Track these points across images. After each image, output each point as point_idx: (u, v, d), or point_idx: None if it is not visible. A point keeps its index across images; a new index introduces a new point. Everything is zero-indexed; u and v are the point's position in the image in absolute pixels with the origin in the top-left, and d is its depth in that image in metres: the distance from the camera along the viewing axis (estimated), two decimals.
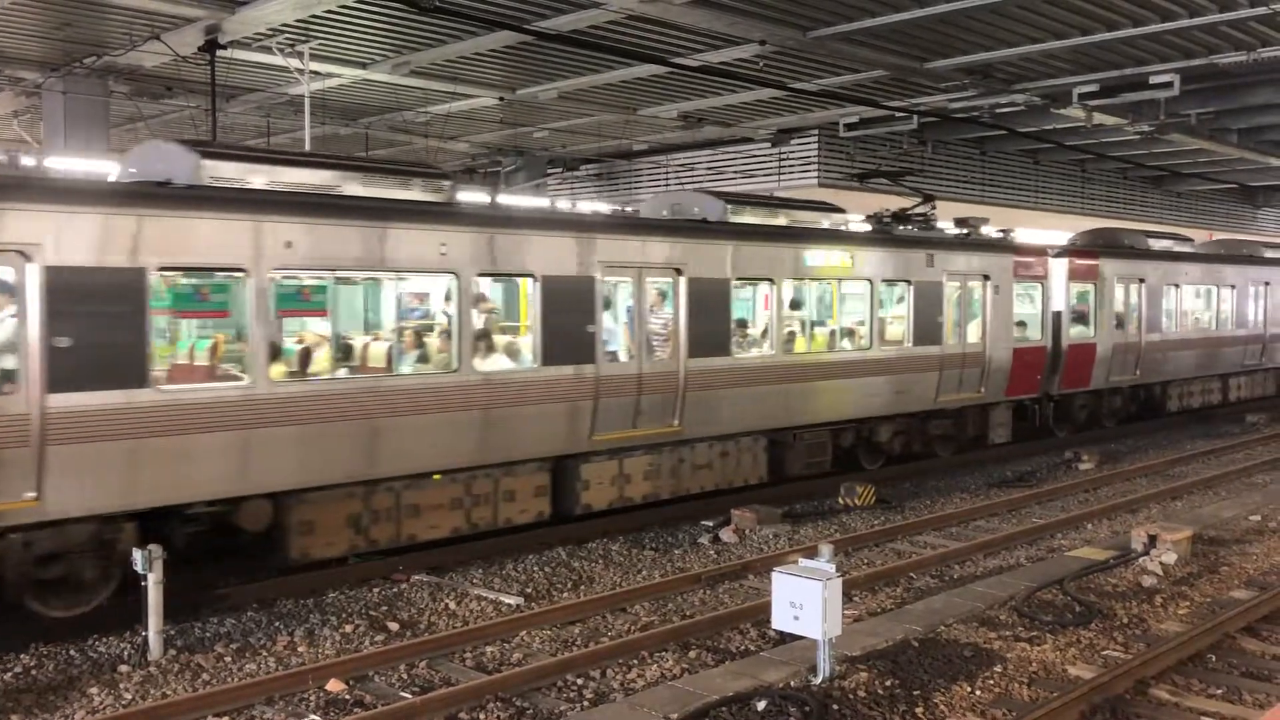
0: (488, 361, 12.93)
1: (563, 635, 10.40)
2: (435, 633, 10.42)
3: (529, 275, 13.15)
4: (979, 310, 19.37)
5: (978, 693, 8.57)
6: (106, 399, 9.90)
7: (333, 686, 8.99)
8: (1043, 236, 27.63)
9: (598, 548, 13.69)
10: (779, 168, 25.39)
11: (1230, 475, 18.95)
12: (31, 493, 9.55)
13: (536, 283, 13.12)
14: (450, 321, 12.60)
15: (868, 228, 18.77)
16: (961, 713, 8.20)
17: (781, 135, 24.79)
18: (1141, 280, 23.62)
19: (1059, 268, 21.53)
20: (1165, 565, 12.19)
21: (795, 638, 9.03)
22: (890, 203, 20.05)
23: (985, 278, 19.31)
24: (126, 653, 9.75)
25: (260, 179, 11.42)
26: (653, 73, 18.99)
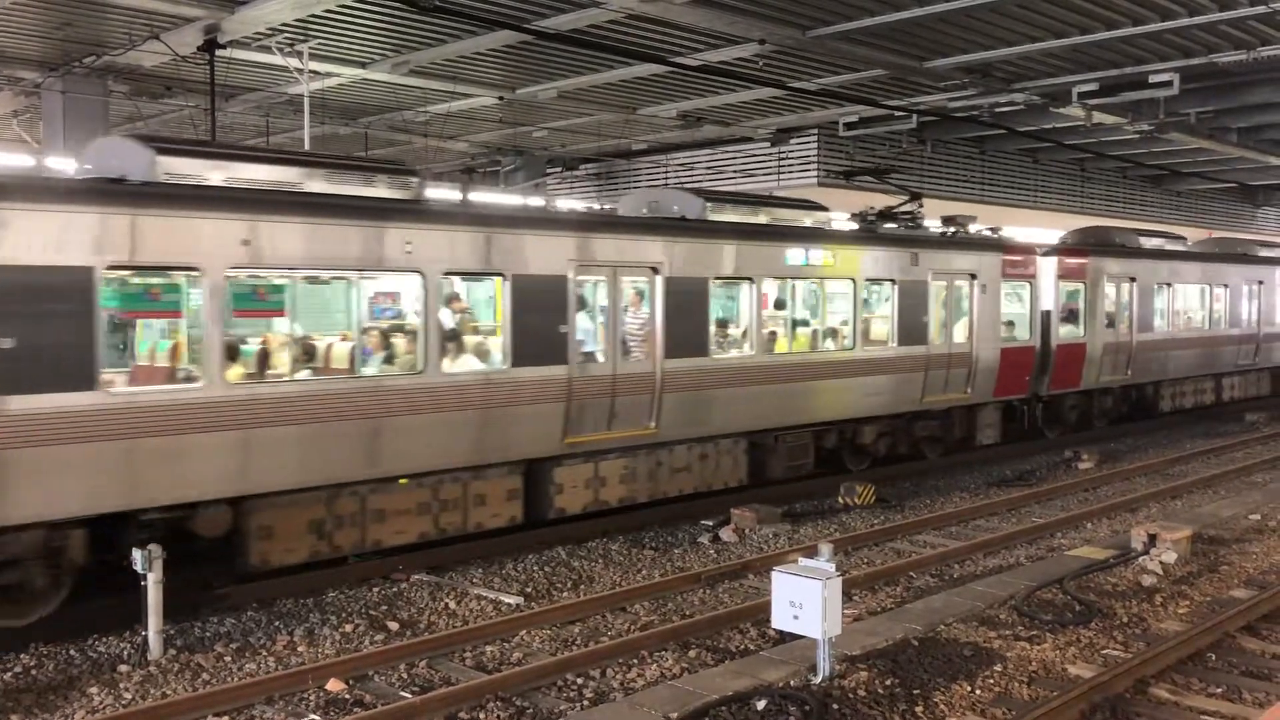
0: (457, 363, 12.69)
1: (562, 635, 10.40)
2: (435, 632, 10.41)
3: (498, 274, 12.88)
4: (965, 310, 19.21)
5: (977, 692, 8.57)
6: (52, 402, 9.53)
7: (333, 686, 8.99)
8: (1042, 236, 27.59)
9: (598, 547, 13.69)
10: (778, 167, 25.37)
11: (1230, 474, 18.96)
12: None
13: (506, 282, 12.84)
14: (417, 321, 12.30)
15: (854, 226, 18.67)
16: (961, 712, 8.20)
17: (781, 135, 24.76)
18: (1133, 279, 23.47)
19: (1048, 266, 21.37)
20: (1165, 564, 12.20)
21: (795, 637, 9.03)
22: (881, 201, 19.99)
23: (972, 277, 19.13)
24: (126, 652, 9.75)
25: (219, 175, 11.03)
26: (652, 72, 18.99)
